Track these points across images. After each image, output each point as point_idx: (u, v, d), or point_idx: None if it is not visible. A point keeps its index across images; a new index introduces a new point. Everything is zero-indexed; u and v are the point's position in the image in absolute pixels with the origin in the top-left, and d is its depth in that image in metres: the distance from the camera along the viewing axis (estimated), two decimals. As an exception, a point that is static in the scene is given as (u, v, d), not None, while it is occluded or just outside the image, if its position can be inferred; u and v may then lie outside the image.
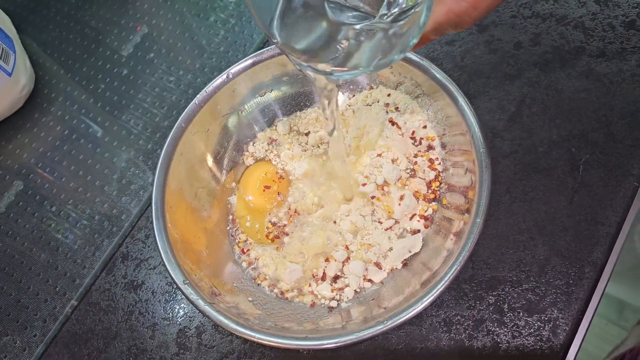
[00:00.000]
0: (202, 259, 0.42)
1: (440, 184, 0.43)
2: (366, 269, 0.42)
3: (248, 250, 0.45)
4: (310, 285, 0.42)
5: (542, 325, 0.39)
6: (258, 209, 0.45)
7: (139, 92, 0.54)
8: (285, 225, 0.44)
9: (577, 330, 0.39)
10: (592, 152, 0.44)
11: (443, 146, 0.43)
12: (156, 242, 0.39)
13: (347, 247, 0.43)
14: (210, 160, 0.46)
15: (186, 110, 0.44)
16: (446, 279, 0.35)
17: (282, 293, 0.42)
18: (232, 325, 0.36)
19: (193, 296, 0.37)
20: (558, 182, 0.43)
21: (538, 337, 0.39)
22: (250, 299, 0.42)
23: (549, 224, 0.42)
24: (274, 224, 0.45)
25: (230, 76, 0.45)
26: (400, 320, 0.34)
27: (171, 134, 0.43)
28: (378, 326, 0.35)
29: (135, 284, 0.46)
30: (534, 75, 0.47)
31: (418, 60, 0.41)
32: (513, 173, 0.44)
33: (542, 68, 0.47)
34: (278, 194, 0.45)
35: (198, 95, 0.44)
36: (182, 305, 0.45)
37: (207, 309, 0.37)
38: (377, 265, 0.42)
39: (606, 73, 0.46)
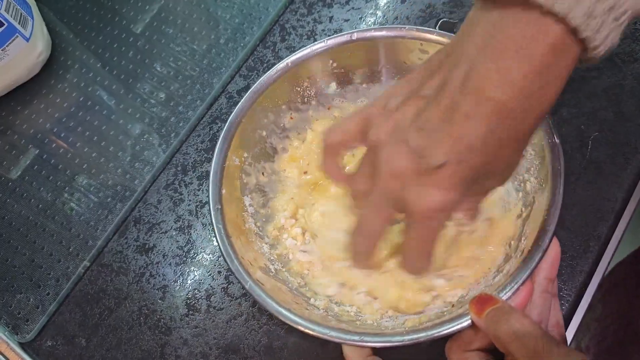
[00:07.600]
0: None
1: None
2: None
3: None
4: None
5: (546, 295, 0.40)
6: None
7: (153, 62, 0.54)
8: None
9: (579, 302, 0.40)
10: (601, 130, 0.44)
11: None
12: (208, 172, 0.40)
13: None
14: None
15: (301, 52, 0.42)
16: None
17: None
18: (236, 265, 0.37)
19: (218, 224, 0.38)
20: (566, 157, 0.43)
21: (541, 307, 0.40)
22: (264, 248, 0.42)
23: (555, 199, 0.43)
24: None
25: (354, 37, 0.41)
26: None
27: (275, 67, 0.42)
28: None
29: (147, 247, 0.47)
30: (546, 53, 0.47)
31: None
32: (522, 148, 0.45)
33: (555, 46, 0.47)
34: None
35: (319, 42, 0.41)
36: (193, 268, 0.46)
37: (225, 240, 0.37)
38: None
39: (618, 53, 0.46)
